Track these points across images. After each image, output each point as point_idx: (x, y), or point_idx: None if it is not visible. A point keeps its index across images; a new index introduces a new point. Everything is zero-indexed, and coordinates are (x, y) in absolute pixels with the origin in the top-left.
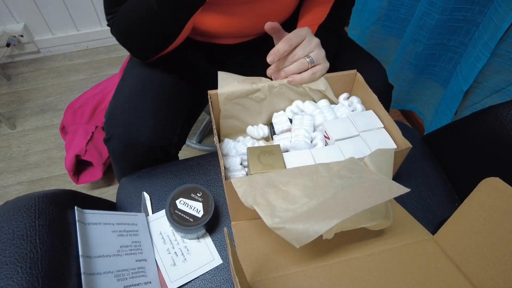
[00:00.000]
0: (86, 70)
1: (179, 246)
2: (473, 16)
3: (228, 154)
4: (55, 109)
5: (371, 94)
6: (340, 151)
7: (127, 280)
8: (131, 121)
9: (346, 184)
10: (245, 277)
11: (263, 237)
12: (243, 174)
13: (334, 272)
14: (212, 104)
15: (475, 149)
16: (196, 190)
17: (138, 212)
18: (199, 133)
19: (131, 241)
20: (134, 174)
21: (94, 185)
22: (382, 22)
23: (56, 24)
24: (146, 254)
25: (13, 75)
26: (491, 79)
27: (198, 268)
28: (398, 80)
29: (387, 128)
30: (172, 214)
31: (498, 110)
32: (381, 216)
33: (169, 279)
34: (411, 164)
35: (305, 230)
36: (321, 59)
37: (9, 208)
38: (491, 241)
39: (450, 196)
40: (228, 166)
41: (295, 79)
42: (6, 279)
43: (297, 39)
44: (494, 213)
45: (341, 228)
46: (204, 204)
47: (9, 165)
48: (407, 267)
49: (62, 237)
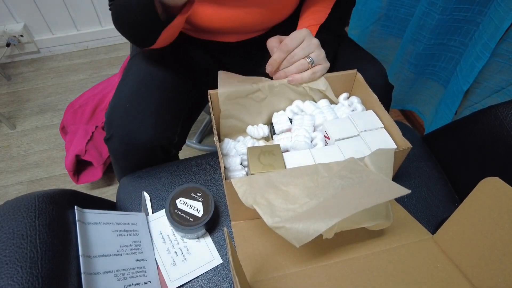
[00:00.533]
0: (86, 70)
1: (179, 246)
2: (473, 16)
3: (228, 154)
4: (55, 109)
5: (371, 94)
6: (340, 151)
7: (127, 280)
8: (132, 120)
9: (346, 184)
10: (245, 277)
11: (263, 237)
12: (243, 174)
13: (334, 272)
14: (212, 104)
15: (475, 149)
16: (196, 190)
17: (138, 212)
18: (199, 133)
19: (131, 240)
20: (134, 174)
21: (94, 185)
22: (382, 22)
23: (56, 24)
24: (146, 253)
25: (13, 75)
26: (491, 79)
27: (198, 267)
28: (398, 80)
29: (387, 128)
30: (172, 213)
31: (498, 110)
32: (381, 216)
33: (169, 279)
34: (411, 164)
35: (305, 229)
36: (321, 60)
37: (9, 208)
38: (491, 241)
39: (450, 196)
40: (228, 166)
41: (295, 78)
42: (6, 278)
43: (294, 43)
44: (494, 213)
45: (341, 228)
46: (204, 204)
47: (9, 165)
48: (407, 267)
49: (62, 237)
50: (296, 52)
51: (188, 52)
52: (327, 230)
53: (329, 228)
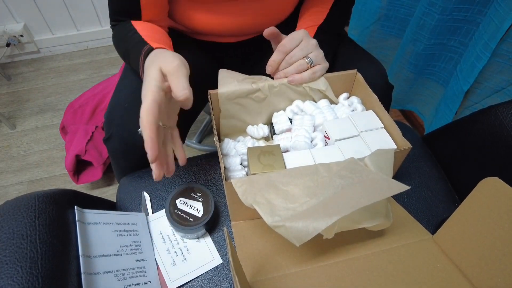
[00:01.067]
0: (86, 70)
1: (179, 246)
2: (473, 16)
3: (228, 154)
4: (55, 109)
5: (371, 94)
6: (340, 151)
7: (127, 280)
8: (131, 120)
9: (346, 183)
10: (245, 277)
11: (263, 237)
12: (243, 174)
13: (334, 272)
14: (212, 104)
15: (475, 149)
16: (196, 190)
17: (138, 211)
18: (199, 133)
19: (131, 240)
20: (134, 173)
21: (94, 185)
22: (382, 22)
23: (56, 24)
24: (146, 254)
25: (13, 75)
26: (491, 79)
27: (198, 267)
28: (398, 80)
29: (387, 128)
30: (172, 213)
31: (498, 110)
32: (381, 216)
33: (169, 279)
34: (411, 164)
35: (304, 227)
36: (320, 60)
37: (9, 208)
38: (491, 241)
39: (450, 196)
40: (228, 166)
41: (295, 78)
42: (6, 278)
43: (292, 43)
44: (494, 213)
45: (341, 228)
46: (204, 204)
47: (9, 165)
48: (407, 267)
49: (62, 237)
50: (294, 52)
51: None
52: (327, 230)
53: (329, 228)
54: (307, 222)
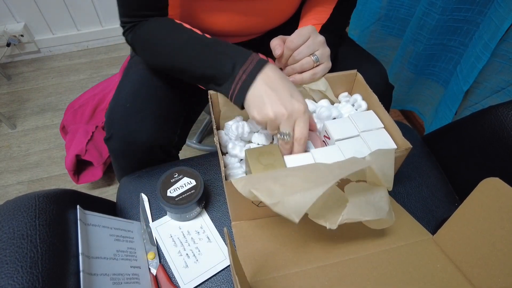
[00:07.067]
0: (86, 70)
1: (190, 248)
2: (473, 16)
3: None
4: (55, 109)
5: (371, 94)
6: (340, 151)
7: (121, 285)
8: (132, 120)
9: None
10: (245, 277)
11: (263, 237)
12: (242, 172)
13: (334, 272)
14: (212, 104)
15: (475, 149)
16: (179, 172)
17: (138, 215)
18: (199, 133)
19: (127, 247)
20: (134, 174)
21: (94, 184)
22: (382, 22)
23: (57, 24)
24: (140, 261)
25: (13, 75)
26: (491, 79)
27: (210, 268)
28: (398, 80)
29: (387, 128)
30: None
31: (498, 110)
32: (384, 212)
33: (183, 282)
34: (411, 164)
35: (302, 197)
36: (325, 58)
37: (10, 208)
38: (491, 241)
39: (450, 196)
40: (228, 165)
41: (295, 79)
42: (7, 278)
43: (299, 39)
44: (494, 213)
45: (345, 220)
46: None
47: (9, 165)
48: (407, 267)
49: (62, 237)
50: (301, 49)
51: None
52: (331, 220)
53: (333, 219)
54: (304, 192)
